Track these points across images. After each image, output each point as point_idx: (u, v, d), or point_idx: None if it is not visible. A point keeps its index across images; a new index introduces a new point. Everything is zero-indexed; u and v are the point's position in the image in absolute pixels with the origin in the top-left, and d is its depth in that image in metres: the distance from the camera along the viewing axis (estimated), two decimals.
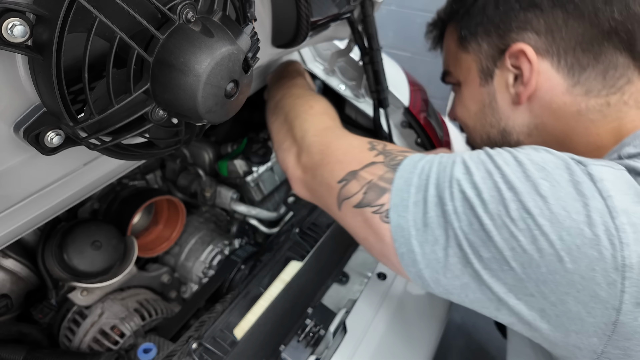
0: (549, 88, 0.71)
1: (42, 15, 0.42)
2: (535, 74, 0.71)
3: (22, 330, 0.97)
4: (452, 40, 0.84)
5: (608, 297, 0.50)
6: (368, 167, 0.69)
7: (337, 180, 0.72)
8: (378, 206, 0.65)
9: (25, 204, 0.63)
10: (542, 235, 0.52)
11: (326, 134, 0.82)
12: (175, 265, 1.26)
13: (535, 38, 0.71)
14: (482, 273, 0.56)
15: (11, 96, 0.50)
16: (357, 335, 0.93)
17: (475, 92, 0.82)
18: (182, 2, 0.50)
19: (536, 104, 0.74)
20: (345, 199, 0.71)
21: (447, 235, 0.58)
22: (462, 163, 0.60)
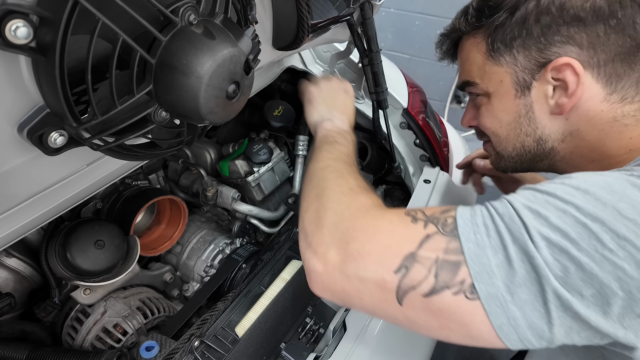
0: (588, 97, 0.72)
1: (46, 17, 0.43)
2: (578, 85, 0.71)
3: (25, 329, 0.98)
4: (478, 52, 0.82)
5: None
6: (425, 244, 0.61)
7: (394, 270, 0.61)
8: (458, 284, 0.58)
9: (29, 204, 0.64)
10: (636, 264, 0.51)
11: (362, 216, 0.70)
12: (177, 264, 1.27)
13: (577, 51, 0.71)
14: (587, 313, 0.54)
15: (14, 97, 0.51)
16: (356, 333, 0.94)
17: (509, 103, 0.81)
18: (184, 5, 0.51)
19: (574, 112, 0.74)
20: (410, 290, 0.61)
21: (543, 290, 0.55)
22: (526, 209, 0.58)
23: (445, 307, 0.59)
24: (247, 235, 1.35)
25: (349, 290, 0.67)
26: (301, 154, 1.40)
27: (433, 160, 1.39)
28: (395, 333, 1.00)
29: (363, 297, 0.66)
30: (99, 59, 0.50)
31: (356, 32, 1.14)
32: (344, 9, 1.00)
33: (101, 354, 0.90)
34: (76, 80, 0.48)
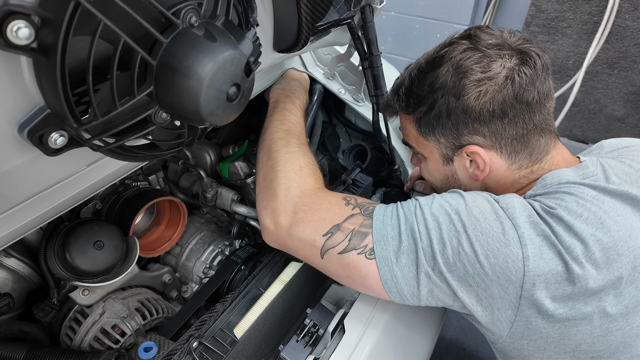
0: (495, 168, 0.94)
1: (47, 18, 0.43)
2: (488, 164, 0.93)
3: (23, 329, 0.98)
4: (412, 128, 1.00)
5: (516, 279, 0.76)
6: (349, 220, 0.89)
7: (323, 234, 0.89)
8: (362, 247, 0.86)
9: (29, 204, 0.64)
10: (477, 242, 0.78)
11: (308, 196, 0.95)
12: (176, 266, 1.27)
13: (482, 139, 0.91)
14: (444, 272, 0.80)
15: (15, 97, 0.51)
16: (355, 335, 0.94)
17: (439, 167, 1.03)
18: (186, 7, 0.51)
19: (486, 178, 0.96)
20: (330, 249, 0.88)
21: (417, 255, 0.82)
22: (418, 201, 0.88)
23: (351, 262, 0.86)
24: (246, 236, 1.35)
25: (290, 245, 0.95)
26: None
27: None
28: (394, 336, 1.00)
29: (299, 250, 0.94)
30: (100, 60, 0.50)
31: (357, 35, 1.15)
32: (345, 12, 1.00)
33: (99, 355, 0.90)
34: (77, 81, 0.48)
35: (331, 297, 1.11)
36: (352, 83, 1.45)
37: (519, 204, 0.82)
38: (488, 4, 3.01)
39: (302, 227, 0.91)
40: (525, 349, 0.84)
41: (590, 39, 2.64)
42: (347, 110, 1.60)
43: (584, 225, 0.78)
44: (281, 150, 1.05)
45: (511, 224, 0.79)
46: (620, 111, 2.50)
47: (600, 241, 0.77)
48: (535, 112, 0.89)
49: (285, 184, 0.98)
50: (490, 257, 0.78)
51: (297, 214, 0.93)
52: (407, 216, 0.85)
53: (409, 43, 3.34)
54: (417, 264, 0.82)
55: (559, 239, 0.77)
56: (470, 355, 2.01)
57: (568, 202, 0.81)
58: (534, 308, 0.78)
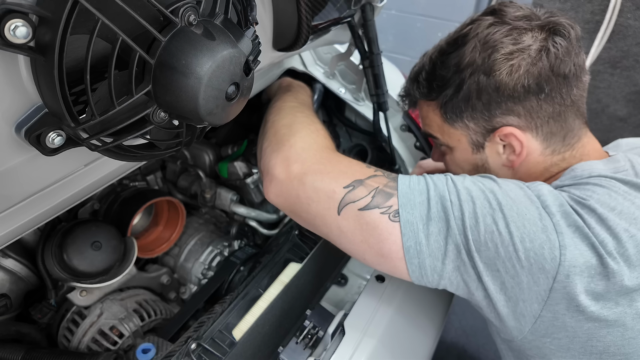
0: (530, 152, 0.87)
1: (45, 17, 0.43)
2: (525, 147, 0.87)
3: (21, 330, 0.97)
4: (436, 115, 0.94)
5: (550, 269, 0.70)
6: (372, 178, 0.82)
7: (344, 185, 0.80)
8: (386, 207, 0.77)
9: (26, 204, 0.64)
10: (512, 223, 0.72)
11: (327, 152, 0.88)
12: (174, 266, 1.27)
13: (517, 119, 0.85)
14: (473, 250, 0.73)
15: (13, 97, 0.50)
16: (355, 337, 0.93)
17: (468, 157, 0.95)
18: (184, 5, 0.50)
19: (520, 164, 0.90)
20: (350, 203, 0.79)
21: (448, 225, 0.75)
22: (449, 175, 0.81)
23: (372, 221, 0.78)
24: (246, 237, 1.35)
25: (302, 196, 0.84)
26: None
27: None
28: (395, 337, 1.00)
29: (312, 203, 0.83)
30: (98, 59, 0.49)
31: (357, 33, 1.14)
32: (345, 10, 0.99)
33: (97, 357, 0.89)
34: (75, 80, 0.48)
35: (331, 299, 1.11)
36: (352, 82, 1.44)
37: (550, 192, 0.77)
38: (489, 3, 3.01)
39: (321, 176, 0.83)
40: (547, 347, 0.77)
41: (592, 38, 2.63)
42: (347, 110, 1.59)
43: (617, 219, 0.73)
44: (296, 112, 1.00)
45: (545, 212, 0.73)
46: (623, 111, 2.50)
47: (634, 237, 0.72)
48: (572, 86, 0.83)
49: (302, 138, 0.90)
50: (526, 241, 0.71)
51: (315, 164, 0.85)
52: (437, 185, 0.78)
53: (410, 42, 3.33)
54: (447, 233, 0.75)
55: (592, 231, 0.72)
56: (471, 357, 2.01)
57: (600, 195, 0.76)
58: (564, 303, 0.72)
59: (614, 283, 0.70)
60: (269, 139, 0.94)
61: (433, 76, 0.90)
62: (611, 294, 0.71)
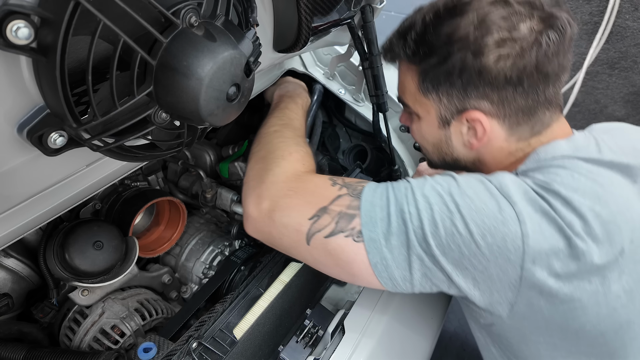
0: (493, 138, 0.88)
1: (47, 18, 0.43)
2: (485, 131, 0.87)
3: (22, 330, 0.98)
4: (412, 80, 0.92)
5: (515, 259, 0.72)
6: (336, 201, 0.83)
7: (309, 217, 0.83)
8: (350, 230, 0.80)
9: (28, 204, 0.64)
10: (471, 221, 0.73)
11: (294, 181, 0.90)
12: (175, 266, 1.27)
13: (489, 106, 0.85)
14: (437, 255, 0.75)
15: (15, 97, 0.51)
16: (355, 336, 0.94)
17: (434, 130, 0.95)
18: (186, 7, 0.51)
19: (481, 147, 0.91)
20: (316, 233, 0.82)
21: (407, 237, 0.76)
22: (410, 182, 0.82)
23: (338, 246, 0.80)
24: (246, 237, 1.35)
25: (273, 233, 0.88)
26: None
27: None
28: (394, 337, 1.00)
29: (283, 238, 0.87)
30: (99, 60, 0.50)
31: (357, 35, 1.14)
32: (345, 12, 1.00)
33: (98, 355, 0.89)
34: (77, 81, 0.48)
35: (331, 298, 1.11)
36: (352, 83, 1.45)
37: (512, 181, 0.78)
38: None
39: (287, 211, 0.86)
40: (525, 328, 0.80)
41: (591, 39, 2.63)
42: (347, 111, 1.60)
43: (582, 199, 0.74)
44: (273, 140, 1.02)
45: (507, 202, 0.74)
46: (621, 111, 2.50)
47: (599, 215, 0.73)
48: (549, 84, 0.84)
49: (272, 169, 0.93)
50: (487, 237, 0.73)
51: (282, 199, 0.87)
52: (397, 197, 0.80)
53: None
54: (408, 245, 0.76)
55: (559, 214, 0.73)
56: (470, 355, 2.01)
57: (563, 177, 0.77)
58: (536, 289, 0.73)
59: (584, 263, 0.72)
60: (247, 174, 0.99)
61: (422, 40, 0.87)
62: (583, 274, 0.72)
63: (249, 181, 0.95)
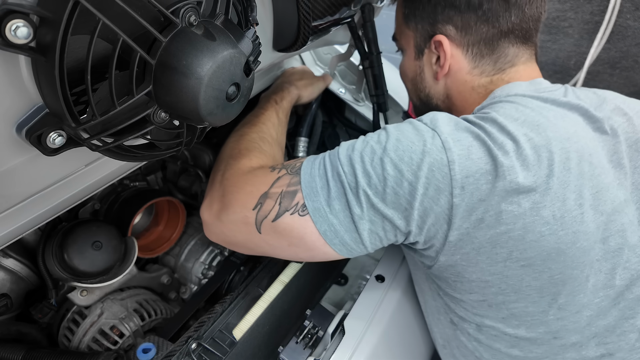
0: (458, 69, 0.93)
1: (46, 17, 0.43)
2: (448, 60, 0.92)
3: (21, 330, 0.97)
4: (400, 12, 1.01)
5: (444, 187, 0.72)
6: (276, 183, 0.83)
7: (252, 207, 0.83)
8: (294, 206, 0.79)
9: (27, 204, 0.64)
10: (400, 161, 0.74)
11: (234, 177, 0.90)
12: (175, 266, 1.27)
13: (454, 31, 0.91)
14: (376, 203, 0.75)
15: (13, 97, 0.50)
16: (355, 336, 0.93)
17: (411, 62, 1.02)
18: (185, 6, 0.51)
19: (449, 79, 0.95)
20: (263, 219, 0.82)
21: (346, 197, 0.76)
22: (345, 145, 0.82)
23: (287, 226, 0.80)
24: None
25: (227, 233, 0.89)
26: (301, 155, 1.40)
27: None
28: (395, 337, 1.00)
29: (236, 235, 0.87)
30: (98, 59, 0.49)
31: (357, 34, 1.14)
32: (345, 11, 1.00)
33: (97, 356, 0.89)
34: (75, 81, 0.48)
35: (331, 298, 1.11)
36: (352, 83, 1.45)
37: (444, 115, 0.79)
38: None
39: (232, 208, 0.86)
40: (458, 264, 0.80)
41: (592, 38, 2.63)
42: (347, 110, 1.60)
43: (518, 127, 0.75)
44: (229, 142, 1.03)
45: (433, 133, 0.75)
46: None
47: (532, 140, 0.74)
48: (511, 13, 0.87)
49: (221, 170, 0.94)
50: (416, 172, 0.73)
51: (224, 197, 0.88)
52: (332, 161, 0.80)
53: None
54: (348, 205, 0.76)
55: (491, 137, 0.74)
56: None
57: (506, 109, 0.79)
58: (466, 215, 0.73)
59: (509, 181, 0.71)
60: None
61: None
62: (509, 195, 0.72)
63: (207, 188, 0.97)
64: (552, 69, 2.91)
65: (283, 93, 1.18)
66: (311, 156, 0.86)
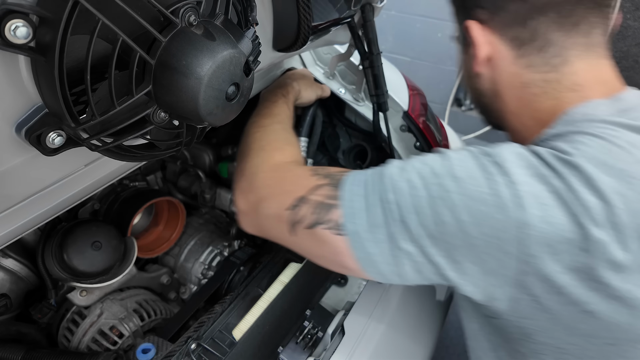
0: (499, 58, 0.80)
1: (45, 17, 0.43)
2: (479, 45, 0.80)
3: (21, 330, 0.97)
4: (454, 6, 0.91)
5: (513, 251, 0.61)
6: (315, 191, 0.77)
7: (287, 207, 0.78)
8: (330, 221, 0.73)
9: (26, 204, 0.64)
10: (462, 209, 0.63)
11: (274, 170, 0.88)
12: (174, 266, 1.27)
13: (484, 13, 0.79)
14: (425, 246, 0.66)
15: (13, 97, 0.50)
16: (354, 337, 0.93)
17: (460, 57, 0.91)
18: (185, 6, 0.51)
19: (494, 71, 0.82)
20: (296, 223, 0.77)
21: (389, 229, 0.68)
22: (392, 165, 0.74)
23: (321, 238, 0.74)
24: (245, 237, 1.35)
25: (262, 225, 0.87)
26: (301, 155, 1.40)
27: None
28: (394, 337, 1.00)
29: (271, 230, 0.85)
30: (98, 59, 0.49)
31: (357, 34, 1.14)
32: (345, 11, 0.99)
33: (97, 356, 0.89)
34: (75, 81, 0.48)
35: (331, 299, 1.11)
36: (352, 82, 1.45)
37: (514, 152, 0.66)
38: None
39: (268, 202, 0.83)
40: (528, 327, 0.68)
41: None
42: (347, 110, 1.59)
43: (610, 179, 0.60)
44: (252, 133, 1.01)
45: (505, 181, 0.62)
46: None
47: (627, 200, 0.59)
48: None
49: (252, 161, 0.92)
50: (481, 226, 0.62)
51: (263, 189, 0.86)
52: (379, 183, 0.71)
53: (409, 42, 3.33)
54: (391, 238, 0.68)
55: (574, 195, 0.60)
56: None
57: (592, 147, 0.63)
58: (538, 284, 0.62)
59: (599, 258, 0.59)
60: (236, 168, 0.98)
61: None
62: (598, 270, 0.60)
63: (235, 178, 0.95)
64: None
65: (287, 88, 1.17)
66: (355, 171, 0.78)
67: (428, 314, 1.14)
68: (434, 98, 3.53)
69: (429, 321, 1.14)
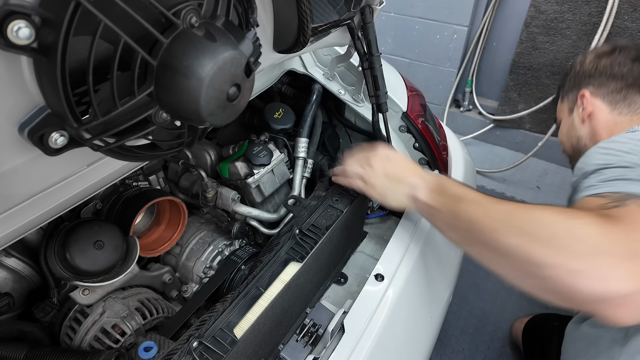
0: (599, 111, 1.24)
1: (48, 18, 0.43)
2: (590, 103, 1.26)
3: (23, 329, 0.98)
4: (558, 100, 1.46)
5: None
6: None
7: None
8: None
9: (29, 204, 0.64)
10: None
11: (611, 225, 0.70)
12: (176, 265, 1.27)
13: (592, 88, 1.27)
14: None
15: (16, 97, 0.51)
16: (354, 335, 0.94)
17: (566, 121, 1.37)
18: (186, 7, 0.51)
19: (594, 121, 1.25)
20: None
21: None
22: None
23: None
24: (247, 236, 1.35)
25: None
26: (301, 156, 1.40)
27: (432, 163, 1.40)
28: (394, 335, 1.00)
29: None
30: (100, 60, 0.50)
31: (356, 35, 1.15)
32: (345, 12, 1.00)
33: (99, 355, 0.90)
34: (77, 81, 0.48)
35: (331, 297, 1.11)
36: (352, 84, 1.45)
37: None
38: (487, 5, 3.01)
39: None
40: None
41: (590, 40, 2.64)
42: (347, 111, 1.60)
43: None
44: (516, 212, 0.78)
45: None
46: None
47: None
48: (634, 68, 1.20)
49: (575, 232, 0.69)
50: None
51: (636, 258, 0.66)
52: None
53: (408, 44, 3.34)
54: None
55: None
56: (470, 354, 2.02)
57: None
58: None
59: None
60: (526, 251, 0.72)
61: (563, 81, 1.42)
62: None
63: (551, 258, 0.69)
64: (549, 70, 2.91)
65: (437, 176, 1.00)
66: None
67: (427, 313, 1.14)
68: (433, 99, 3.53)
69: (427, 320, 1.14)
